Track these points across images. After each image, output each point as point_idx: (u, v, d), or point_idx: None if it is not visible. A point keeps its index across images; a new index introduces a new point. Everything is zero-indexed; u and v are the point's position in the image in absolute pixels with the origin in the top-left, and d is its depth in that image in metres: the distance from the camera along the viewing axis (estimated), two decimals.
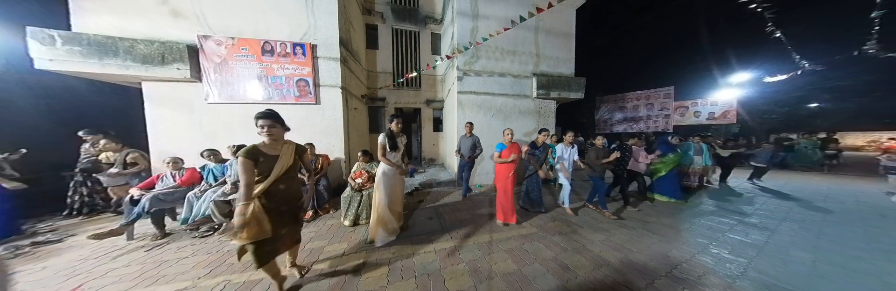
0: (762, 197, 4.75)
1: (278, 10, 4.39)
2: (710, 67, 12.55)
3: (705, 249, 2.60)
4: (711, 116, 10.14)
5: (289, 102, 4.44)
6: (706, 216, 3.62)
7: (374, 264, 2.29)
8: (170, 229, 3.05)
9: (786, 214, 3.78)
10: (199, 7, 4.06)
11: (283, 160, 1.78)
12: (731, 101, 9.84)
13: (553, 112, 6.29)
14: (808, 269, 2.25)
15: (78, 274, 2.17)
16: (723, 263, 2.33)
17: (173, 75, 3.89)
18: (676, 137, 4.48)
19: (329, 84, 4.66)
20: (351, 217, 3.19)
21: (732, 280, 2.05)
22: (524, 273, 2.13)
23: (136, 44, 3.71)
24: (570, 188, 3.67)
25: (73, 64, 3.53)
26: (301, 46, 4.43)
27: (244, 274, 2.12)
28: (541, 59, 5.97)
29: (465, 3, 5.45)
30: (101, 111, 5.67)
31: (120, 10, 3.77)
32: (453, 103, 5.76)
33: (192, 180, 3.22)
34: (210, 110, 4.18)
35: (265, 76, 4.29)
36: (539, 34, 5.90)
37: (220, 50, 4.10)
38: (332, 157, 4.58)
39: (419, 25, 7.58)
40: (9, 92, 4.68)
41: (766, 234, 3.01)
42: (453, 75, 5.73)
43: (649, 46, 16.63)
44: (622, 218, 3.47)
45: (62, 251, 2.65)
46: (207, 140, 4.02)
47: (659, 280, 2.05)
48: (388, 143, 2.61)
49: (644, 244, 2.70)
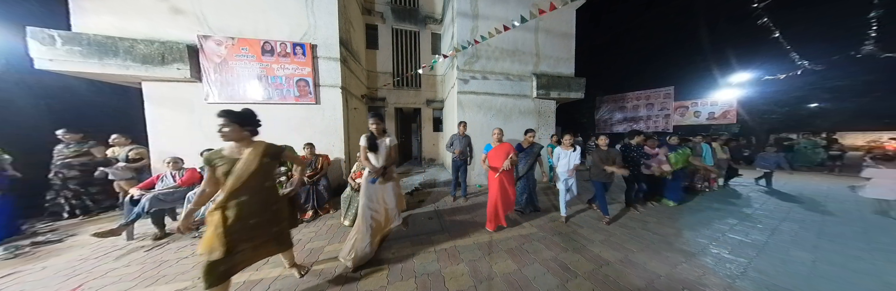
0: (762, 197, 4.75)
1: (278, 10, 4.39)
2: (710, 67, 12.53)
3: (705, 249, 2.60)
4: (711, 116, 10.15)
5: (289, 102, 4.44)
6: (706, 217, 3.62)
7: (374, 264, 2.29)
8: (170, 229, 3.05)
9: (786, 214, 3.77)
10: (199, 7, 4.06)
11: (241, 166, 1.56)
12: (731, 101, 9.84)
13: (553, 112, 6.30)
14: (808, 269, 2.25)
15: (78, 274, 2.17)
16: (723, 263, 2.33)
17: (173, 75, 3.89)
18: (676, 137, 4.42)
19: (329, 84, 4.66)
20: (351, 217, 3.19)
21: (732, 280, 2.05)
22: (524, 273, 2.14)
23: (136, 44, 3.71)
24: (575, 194, 3.40)
25: (73, 64, 3.53)
26: (301, 46, 4.43)
27: (244, 274, 2.12)
28: (541, 59, 5.97)
29: (465, 4, 5.45)
30: (101, 111, 5.66)
31: (120, 10, 3.77)
32: (453, 103, 5.76)
33: (192, 180, 3.21)
34: (210, 110, 4.18)
35: (265, 76, 4.29)
36: (539, 34, 5.90)
37: (220, 50, 4.10)
38: (332, 157, 4.58)
39: (419, 25, 7.58)
40: (9, 92, 4.67)
41: (766, 234, 3.01)
42: (453, 75, 5.73)
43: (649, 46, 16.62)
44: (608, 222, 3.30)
45: (62, 251, 2.65)
46: (207, 140, 4.02)
47: (659, 280, 2.05)
48: (367, 144, 2.41)
49: (644, 243, 2.70)
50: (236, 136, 1.60)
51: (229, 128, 1.56)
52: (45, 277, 2.14)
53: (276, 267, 2.24)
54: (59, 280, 2.08)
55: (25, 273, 2.22)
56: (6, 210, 3.01)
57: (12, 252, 2.59)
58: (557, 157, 3.42)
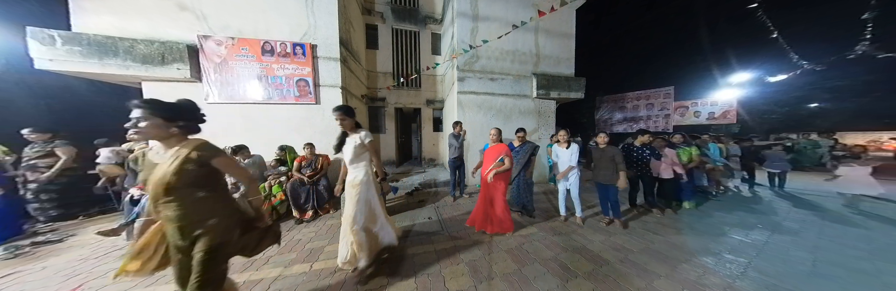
0: (762, 197, 4.75)
1: (278, 10, 4.39)
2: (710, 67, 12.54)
3: (705, 249, 2.60)
4: (711, 116, 10.16)
5: (289, 102, 4.44)
6: (706, 217, 3.62)
7: (374, 264, 2.29)
8: None
9: (786, 214, 3.78)
10: (199, 7, 4.06)
11: (156, 171, 1.20)
12: (731, 101, 9.85)
13: (553, 112, 6.30)
14: (808, 269, 2.25)
15: (78, 274, 2.17)
16: (723, 263, 2.33)
17: (173, 75, 3.89)
18: (679, 135, 4.25)
19: (329, 84, 4.66)
20: None
21: (732, 280, 2.05)
22: (524, 273, 2.14)
23: (136, 44, 3.71)
24: (576, 195, 3.27)
25: (73, 64, 3.53)
26: (301, 46, 4.43)
27: (244, 274, 2.12)
28: (541, 59, 5.97)
29: (465, 4, 5.45)
30: (101, 111, 5.66)
31: (120, 10, 3.77)
32: (453, 103, 5.76)
33: None
34: (210, 110, 4.14)
35: (265, 76, 4.29)
36: (539, 34, 5.90)
37: (220, 50, 4.10)
38: (333, 157, 4.58)
39: (419, 25, 7.58)
40: (9, 92, 4.67)
41: (766, 234, 3.01)
42: (453, 75, 5.73)
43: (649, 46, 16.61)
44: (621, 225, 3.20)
45: (62, 251, 2.65)
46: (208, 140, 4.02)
47: (659, 280, 2.05)
48: (337, 142, 2.18)
49: (644, 244, 2.70)
50: (159, 134, 1.23)
51: (148, 122, 1.18)
52: (45, 277, 2.14)
53: (275, 267, 2.24)
54: (58, 280, 2.08)
55: (25, 273, 2.22)
56: (8, 210, 3.01)
57: (12, 252, 2.59)
58: (557, 156, 3.39)
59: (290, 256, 2.45)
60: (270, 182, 3.57)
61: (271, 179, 3.65)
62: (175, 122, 1.25)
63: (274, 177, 3.68)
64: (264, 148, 3.95)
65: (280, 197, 3.51)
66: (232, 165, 1.38)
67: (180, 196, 1.22)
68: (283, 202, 3.53)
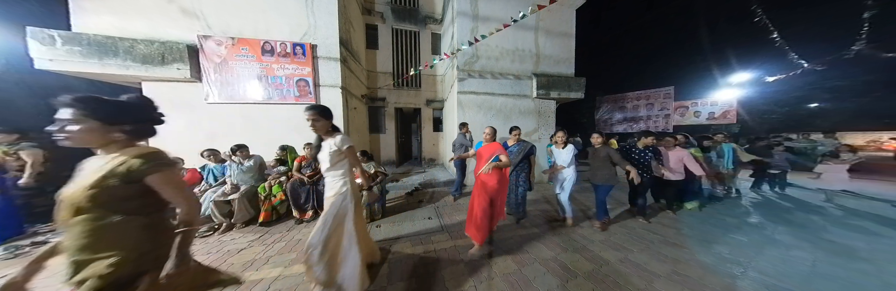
0: (763, 197, 4.75)
1: (278, 10, 4.39)
2: (710, 67, 12.56)
3: (705, 249, 2.60)
4: (711, 116, 10.15)
5: (289, 102, 4.44)
6: (707, 217, 3.62)
7: (374, 264, 2.29)
8: None
9: (786, 214, 3.78)
10: (199, 7, 4.06)
11: (70, 186, 0.93)
12: (731, 101, 9.84)
13: (553, 112, 6.30)
14: (808, 269, 2.25)
15: None
16: (723, 263, 2.33)
17: (173, 75, 3.89)
18: (680, 135, 4.16)
19: (329, 84, 4.66)
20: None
21: (732, 280, 2.05)
22: (524, 273, 2.13)
23: (136, 44, 3.71)
24: (567, 193, 3.20)
25: (73, 64, 3.53)
26: (301, 46, 4.43)
27: (244, 274, 2.12)
28: (541, 59, 5.97)
29: (465, 4, 5.45)
30: None
31: (120, 10, 3.77)
32: (453, 103, 5.76)
33: (192, 180, 3.22)
34: (210, 110, 4.18)
35: (265, 76, 4.29)
36: (539, 34, 5.90)
37: (220, 50, 4.10)
38: None
39: (419, 25, 7.58)
40: (9, 92, 4.68)
41: (767, 234, 3.01)
42: (453, 75, 5.73)
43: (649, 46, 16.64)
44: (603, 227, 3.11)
45: None
46: (207, 140, 4.02)
47: (659, 280, 2.05)
48: (314, 144, 2.00)
49: (644, 243, 2.70)
50: (94, 140, 0.96)
51: (82, 126, 0.93)
52: (44, 277, 2.14)
53: (275, 267, 2.24)
54: (59, 280, 2.08)
55: None
56: (9, 211, 3.01)
57: (12, 252, 2.59)
58: (555, 156, 3.38)
59: (289, 256, 2.45)
60: (271, 182, 3.57)
61: (271, 179, 3.65)
62: (118, 125, 0.99)
63: (274, 177, 3.68)
64: (264, 148, 3.95)
65: (280, 197, 3.51)
66: (170, 184, 1.02)
67: (89, 220, 0.90)
68: (283, 202, 3.53)
